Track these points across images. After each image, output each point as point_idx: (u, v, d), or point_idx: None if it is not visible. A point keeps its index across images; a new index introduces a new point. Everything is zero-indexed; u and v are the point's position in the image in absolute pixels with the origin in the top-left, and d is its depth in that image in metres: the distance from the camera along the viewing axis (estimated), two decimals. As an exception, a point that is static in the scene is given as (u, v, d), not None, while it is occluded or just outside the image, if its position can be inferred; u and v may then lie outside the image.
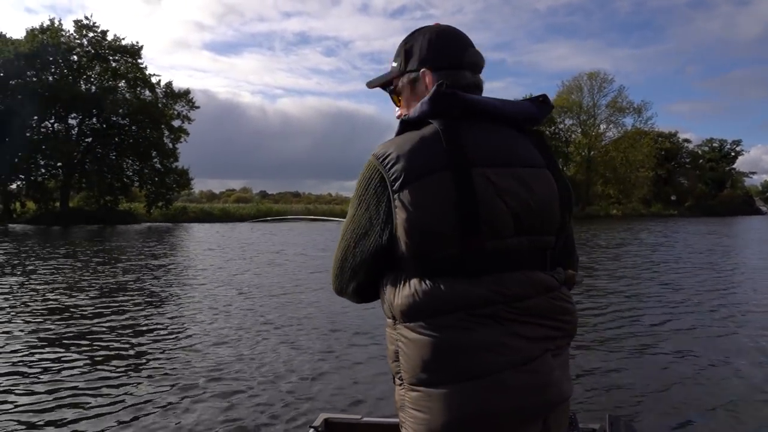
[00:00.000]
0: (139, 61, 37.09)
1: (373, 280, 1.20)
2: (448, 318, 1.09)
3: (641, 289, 9.51)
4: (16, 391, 4.21)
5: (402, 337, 1.13)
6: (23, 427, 3.60)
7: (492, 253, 1.11)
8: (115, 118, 36.23)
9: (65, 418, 3.70)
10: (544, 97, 1.25)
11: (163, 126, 37.07)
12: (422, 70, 1.23)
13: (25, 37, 34.04)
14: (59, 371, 4.67)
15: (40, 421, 3.68)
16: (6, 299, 8.07)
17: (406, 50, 1.27)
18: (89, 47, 35.62)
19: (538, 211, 1.14)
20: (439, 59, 1.23)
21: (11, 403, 4.01)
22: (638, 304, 8.04)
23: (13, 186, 34.91)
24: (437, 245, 1.09)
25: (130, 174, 37.70)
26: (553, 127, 52.19)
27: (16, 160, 32.58)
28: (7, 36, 34.00)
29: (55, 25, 35.09)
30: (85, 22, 35.70)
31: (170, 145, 37.64)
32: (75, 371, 4.66)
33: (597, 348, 5.48)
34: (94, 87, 36.00)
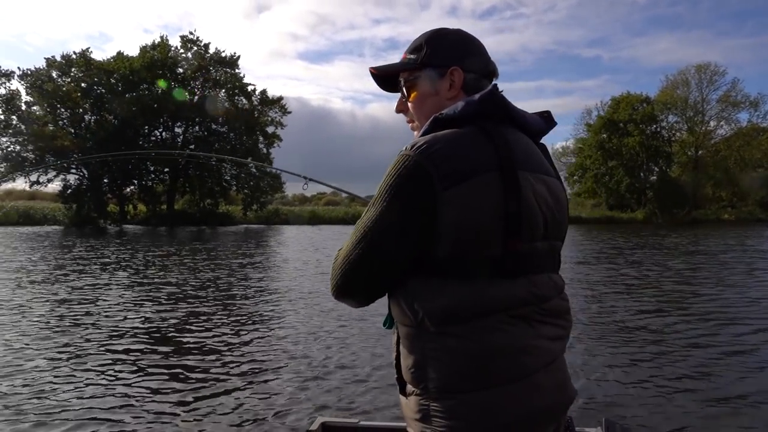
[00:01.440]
0: (237, 70, 39.22)
1: (389, 284, 1.14)
2: (490, 320, 1.08)
3: (650, 294, 9.22)
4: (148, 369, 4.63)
5: (433, 343, 1.09)
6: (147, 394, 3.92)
7: (525, 255, 1.12)
8: (214, 126, 38.54)
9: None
10: (548, 113, 1.28)
11: (258, 132, 38.90)
12: (453, 67, 1.22)
13: (138, 53, 37.12)
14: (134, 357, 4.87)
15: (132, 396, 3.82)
16: (127, 289, 8.92)
17: (431, 45, 1.25)
18: (193, 60, 38.14)
19: (558, 216, 1.19)
20: (472, 62, 1.24)
21: (146, 377, 4.49)
22: (639, 307, 7.95)
23: (127, 190, 38.14)
24: (482, 246, 1.08)
25: (228, 178, 39.90)
26: (654, 126, 48.62)
27: (129, 166, 35.56)
28: (125, 54, 37.24)
29: (164, 42, 37.93)
30: (190, 36, 38.32)
31: (264, 150, 39.42)
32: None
33: (595, 351, 5.47)
34: (196, 97, 38.51)
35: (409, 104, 1.29)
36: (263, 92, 39.46)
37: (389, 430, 2.30)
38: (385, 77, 1.34)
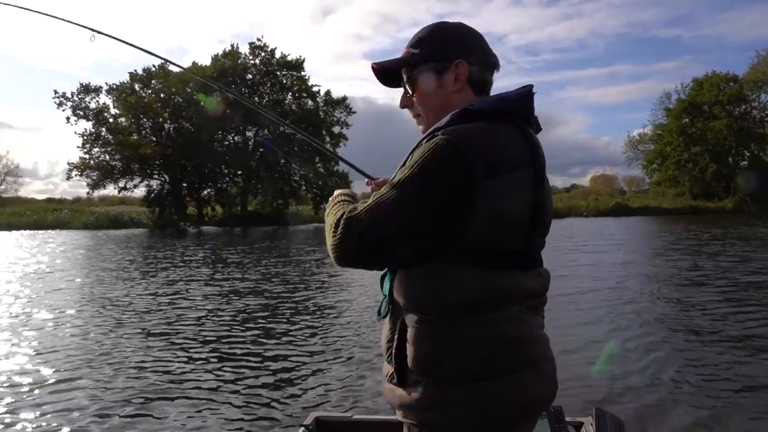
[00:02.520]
0: (303, 73, 40.19)
1: (404, 256, 1.12)
2: (511, 310, 1.12)
3: (644, 286, 8.96)
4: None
5: (453, 331, 1.09)
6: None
7: (536, 249, 1.20)
8: (282, 128, 39.67)
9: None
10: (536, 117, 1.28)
11: (324, 132, 39.67)
12: (457, 60, 1.21)
13: (210, 62, 38.89)
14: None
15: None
16: (210, 284, 9.43)
17: (433, 39, 1.25)
18: (261, 65, 39.47)
19: (551, 215, 1.24)
20: (476, 55, 1.24)
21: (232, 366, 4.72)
22: (629, 297, 7.88)
23: (204, 193, 40.11)
24: (512, 238, 1.12)
25: (297, 179, 41.00)
26: (744, 107, 44.97)
27: (206, 171, 37.36)
28: (199, 64, 39.15)
29: (234, 49, 39.51)
30: (258, 43, 39.67)
31: (331, 150, 40.11)
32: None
33: (585, 342, 5.43)
34: (265, 101, 39.81)
35: (414, 99, 1.28)
36: (328, 93, 40.17)
37: (382, 423, 2.31)
38: (387, 73, 1.32)
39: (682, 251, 14.49)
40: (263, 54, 39.64)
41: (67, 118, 36.59)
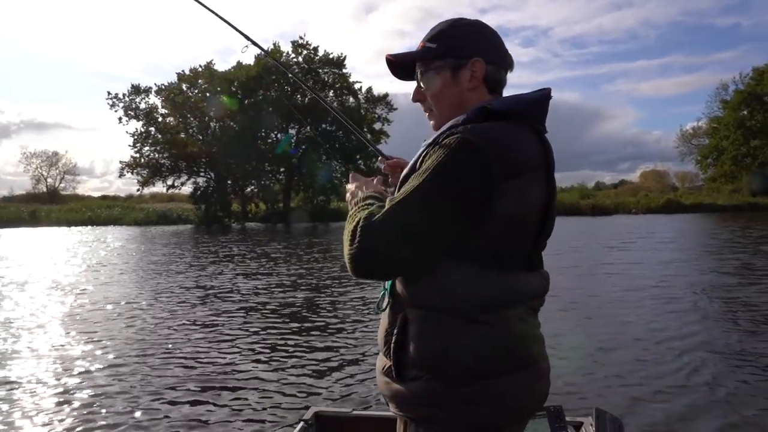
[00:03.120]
0: (344, 70, 40.34)
1: (425, 263, 1.10)
2: (517, 311, 1.14)
3: (639, 286, 8.94)
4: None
5: (462, 329, 1.09)
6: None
7: (540, 251, 1.22)
8: (324, 125, 39.99)
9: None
10: None
11: (365, 129, 39.75)
12: (474, 58, 1.21)
13: (254, 62, 39.57)
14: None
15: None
16: (258, 279, 9.57)
17: (451, 35, 1.24)
18: (303, 63, 39.88)
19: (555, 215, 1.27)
20: (492, 53, 1.23)
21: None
22: (628, 301, 7.72)
23: (248, 190, 40.91)
24: (523, 239, 1.15)
25: (338, 175, 41.25)
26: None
27: (249, 168, 38.09)
28: (243, 63, 39.92)
29: (276, 48, 40.06)
30: (300, 41, 40.06)
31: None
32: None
33: (585, 342, 5.45)
34: (307, 98, 40.24)
35: (428, 94, 1.27)
36: (369, 90, 40.19)
37: (382, 419, 2.32)
38: (402, 65, 1.31)
39: (734, 250, 13.78)
40: (305, 52, 40.01)
41: (119, 119, 38.05)
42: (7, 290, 9.20)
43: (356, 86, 40.37)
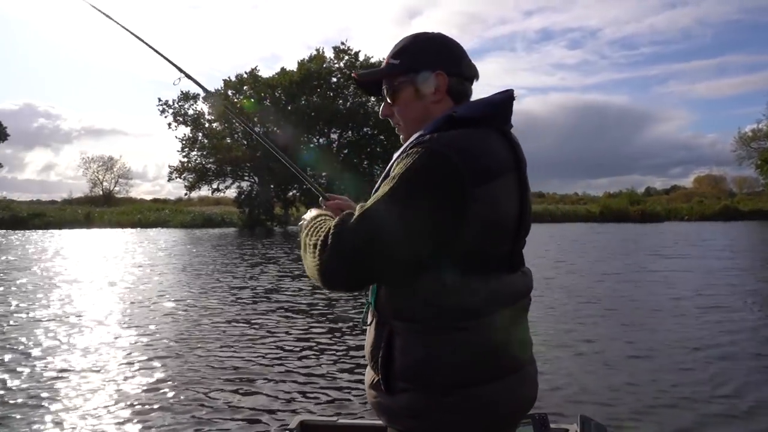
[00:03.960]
0: (386, 75, 40.42)
1: (399, 275, 1.10)
2: (503, 314, 1.13)
3: (616, 290, 9.08)
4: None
5: (446, 338, 1.08)
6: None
7: (520, 249, 1.21)
8: (365, 130, 40.21)
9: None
10: None
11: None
12: (437, 72, 1.22)
13: (297, 67, 40.22)
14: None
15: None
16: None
17: (413, 50, 1.26)
18: (345, 69, 40.22)
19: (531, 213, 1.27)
20: (455, 65, 1.24)
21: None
22: (609, 305, 7.79)
23: (290, 194, 41.53)
24: (501, 241, 1.15)
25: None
26: None
27: (291, 172, 38.71)
28: (286, 69, 40.65)
29: (320, 54, 40.59)
30: (342, 47, 40.44)
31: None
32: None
33: (569, 349, 5.42)
34: (348, 104, 40.54)
35: (394, 109, 1.29)
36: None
37: (367, 428, 2.30)
38: (370, 82, 1.34)
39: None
40: (347, 57, 40.35)
41: (169, 124, 39.37)
42: (61, 286, 9.79)
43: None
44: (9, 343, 5.68)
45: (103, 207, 45.54)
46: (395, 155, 1.21)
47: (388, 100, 1.30)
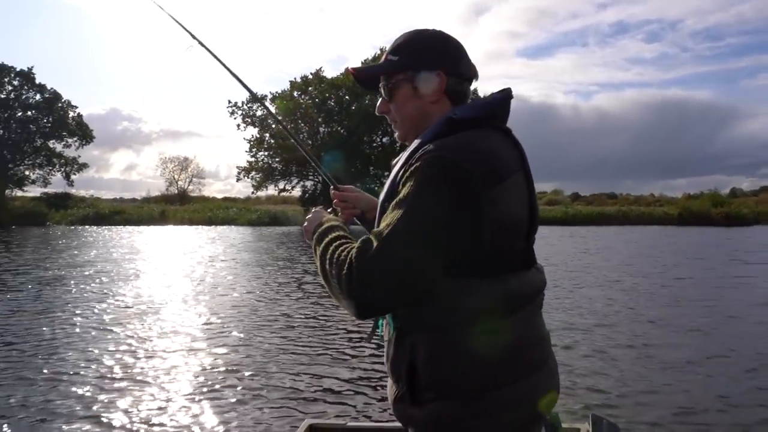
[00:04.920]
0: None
1: (425, 289, 1.08)
2: (523, 312, 1.14)
3: (628, 291, 9.22)
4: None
5: (469, 343, 1.08)
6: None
7: (532, 246, 1.23)
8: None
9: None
10: None
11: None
12: (437, 71, 1.21)
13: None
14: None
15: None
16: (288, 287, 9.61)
17: (412, 47, 1.24)
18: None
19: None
20: (454, 65, 1.23)
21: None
22: (623, 303, 7.98)
23: (353, 193, 41.97)
24: (515, 240, 1.15)
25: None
26: None
27: (353, 170, 38.98)
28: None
29: (382, 53, 40.65)
30: (405, 46, 40.36)
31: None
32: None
33: (582, 348, 5.46)
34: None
35: (391, 106, 1.28)
36: (474, 92, 39.25)
37: (377, 431, 2.27)
38: (368, 78, 1.31)
39: None
40: (410, 56, 40.23)
41: (238, 125, 40.75)
42: (133, 278, 10.50)
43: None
44: (95, 327, 6.29)
45: (177, 205, 47.72)
46: (397, 164, 1.21)
47: (385, 97, 1.28)
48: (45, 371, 4.67)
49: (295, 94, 41.42)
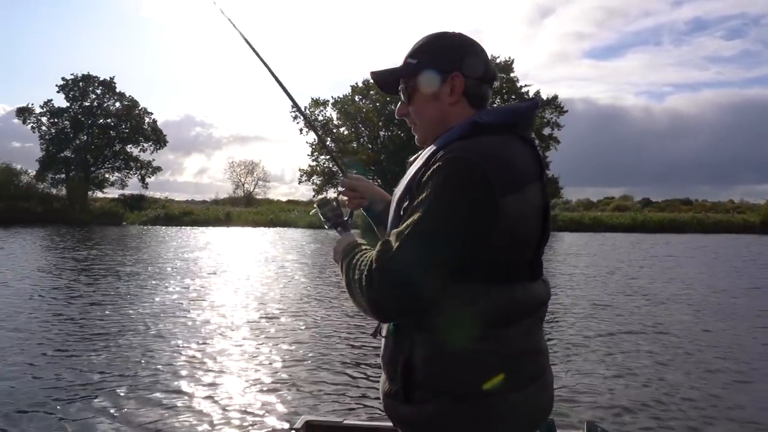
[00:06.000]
0: (512, 74, 39.06)
1: (439, 291, 1.08)
2: (525, 323, 1.14)
3: (628, 298, 9.00)
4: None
5: (471, 347, 1.08)
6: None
7: (540, 258, 1.22)
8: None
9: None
10: None
11: (533, 135, 38.02)
12: (454, 73, 1.21)
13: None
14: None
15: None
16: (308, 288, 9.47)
17: (431, 50, 1.25)
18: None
19: None
20: (471, 66, 1.22)
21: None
22: (619, 311, 7.80)
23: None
24: (525, 250, 1.15)
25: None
26: None
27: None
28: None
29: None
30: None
31: (541, 154, 38.37)
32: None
33: (577, 355, 5.39)
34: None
35: (410, 109, 1.28)
36: (537, 93, 38.32)
37: (373, 429, 2.30)
38: (388, 81, 1.31)
39: None
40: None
41: (300, 130, 41.71)
42: (193, 276, 11.00)
43: (523, 90, 38.82)
44: (160, 321, 6.63)
45: (242, 207, 49.42)
46: (416, 163, 1.20)
47: (405, 100, 1.29)
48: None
49: (357, 98, 41.88)
